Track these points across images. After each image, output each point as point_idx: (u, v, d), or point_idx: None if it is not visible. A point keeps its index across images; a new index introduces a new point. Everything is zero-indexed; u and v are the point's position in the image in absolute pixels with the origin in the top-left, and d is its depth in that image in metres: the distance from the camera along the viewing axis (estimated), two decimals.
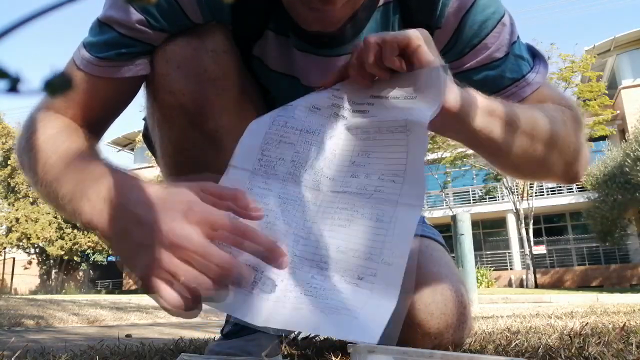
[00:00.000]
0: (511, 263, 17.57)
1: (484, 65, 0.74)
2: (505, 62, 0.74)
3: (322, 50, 0.74)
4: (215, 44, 0.70)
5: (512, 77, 0.75)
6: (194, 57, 0.69)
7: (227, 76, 0.71)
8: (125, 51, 0.69)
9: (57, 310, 3.09)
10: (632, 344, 0.81)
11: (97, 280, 27.78)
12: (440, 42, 0.73)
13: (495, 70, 0.74)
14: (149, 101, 0.75)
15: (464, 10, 0.71)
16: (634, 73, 16.08)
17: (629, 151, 12.31)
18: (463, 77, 0.74)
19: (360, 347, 0.49)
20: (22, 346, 0.94)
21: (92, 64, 0.69)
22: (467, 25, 0.72)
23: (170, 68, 0.69)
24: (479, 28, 0.72)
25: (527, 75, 0.75)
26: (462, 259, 4.48)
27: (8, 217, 22.77)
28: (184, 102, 0.70)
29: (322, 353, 0.87)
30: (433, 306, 0.76)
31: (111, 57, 0.69)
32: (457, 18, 0.72)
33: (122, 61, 0.70)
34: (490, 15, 0.72)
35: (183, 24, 0.70)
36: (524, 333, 1.14)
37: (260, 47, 0.75)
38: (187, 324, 2.39)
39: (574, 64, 14.90)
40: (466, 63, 0.75)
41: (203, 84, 0.70)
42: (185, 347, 1.04)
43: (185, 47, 0.69)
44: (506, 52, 0.74)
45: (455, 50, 0.74)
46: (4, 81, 0.19)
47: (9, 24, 0.18)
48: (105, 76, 0.70)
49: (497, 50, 0.73)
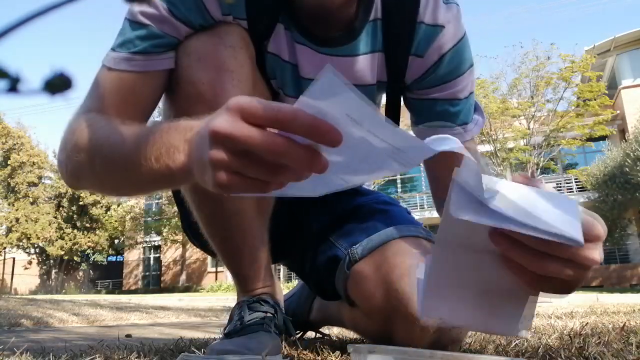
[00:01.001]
0: None
1: (447, 99, 0.87)
2: (464, 104, 0.87)
3: (317, 47, 0.81)
4: (233, 41, 0.76)
5: (462, 119, 0.88)
6: (214, 51, 0.75)
7: (243, 69, 0.77)
8: (157, 42, 0.74)
9: (57, 310, 3.09)
10: (632, 344, 0.81)
11: (97, 280, 27.79)
12: (420, 69, 0.85)
13: (455, 108, 0.87)
14: (168, 97, 0.80)
15: (446, 49, 0.83)
16: (634, 73, 16.07)
17: (629, 151, 12.31)
18: (426, 103, 0.88)
19: (361, 347, 0.49)
20: (22, 346, 0.94)
21: (126, 60, 0.73)
22: (446, 62, 0.84)
23: (191, 60, 0.75)
24: (455, 67, 0.85)
25: (469, 124, 0.90)
26: None
27: (8, 217, 22.78)
28: (203, 91, 0.74)
29: (322, 353, 0.87)
30: None
31: (146, 49, 0.74)
32: (439, 54, 0.83)
33: (156, 53, 0.75)
34: (465, 60, 0.85)
35: (204, 18, 0.76)
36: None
37: (274, 42, 0.82)
38: (187, 324, 2.39)
39: (574, 64, 14.91)
40: (433, 93, 0.87)
41: (221, 75, 0.75)
42: (185, 347, 1.04)
43: (206, 42, 0.75)
44: (467, 96, 0.87)
45: (430, 80, 0.86)
46: (4, 81, 0.19)
47: (9, 24, 0.18)
48: (141, 70, 0.74)
49: (461, 91, 0.86)
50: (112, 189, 0.73)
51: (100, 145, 0.66)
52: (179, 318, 2.91)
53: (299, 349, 0.90)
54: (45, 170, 24.54)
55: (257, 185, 0.46)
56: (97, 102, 0.74)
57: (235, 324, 0.89)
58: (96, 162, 0.67)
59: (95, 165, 0.67)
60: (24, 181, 23.38)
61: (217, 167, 0.45)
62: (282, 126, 0.43)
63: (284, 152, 0.42)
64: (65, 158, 0.71)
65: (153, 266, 24.49)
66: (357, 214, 0.98)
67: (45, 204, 23.85)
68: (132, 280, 24.62)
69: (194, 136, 0.52)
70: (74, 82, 0.20)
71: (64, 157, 0.71)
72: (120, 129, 0.64)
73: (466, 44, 0.86)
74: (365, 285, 0.86)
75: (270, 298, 0.94)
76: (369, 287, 0.85)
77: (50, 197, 24.08)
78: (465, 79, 0.86)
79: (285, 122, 0.42)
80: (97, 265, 28.25)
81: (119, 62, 0.74)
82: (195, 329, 2.01)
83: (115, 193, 0.74)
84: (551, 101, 16.03)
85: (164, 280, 23.33)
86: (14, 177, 23.37)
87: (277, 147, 0.42)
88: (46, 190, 24.04)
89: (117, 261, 27.27)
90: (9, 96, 0.19)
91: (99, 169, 0.68)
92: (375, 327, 0.88)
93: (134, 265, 24.78)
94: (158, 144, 0.57)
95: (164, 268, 23.64)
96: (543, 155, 15.72)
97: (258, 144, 0.43)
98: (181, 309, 4.01)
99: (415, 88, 0.89)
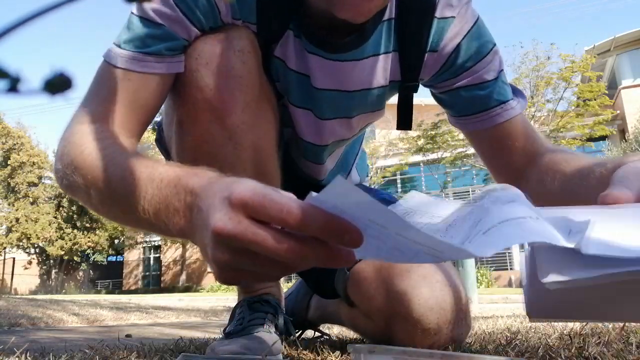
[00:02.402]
0: (511, 263, 17.57)
1: (474, 84, 0.81)
2: (494, 85, 0.81)
3: (328, 54, 0.78)
4: (241, 45, 0.73)
5: (498, 99, 0.82)
6: (222, 55, 0.72)
7: (251, 74, 0.74)
8: (171, 44, 0.70)
9: (57, 310, 3.09)
10: (632, 344, 0.81)
11: (97, 280, 27.77)
12: (437, 63, 0.81)
13: (484, 91, 0.81)
14: (172, 99, 0.77)
15: (462, 35, 0.79)
16: (634, 73, 16.07)
17: (629, 151, 12.31)
18: (453, 94, 0.83)
19: (361, 347, 0.49)
20: (22, 346, 0.94)
21: (137, 61, 0.69)
22: (463, 49, 0.80)
23: (199, 64, 0.72)
24: (474, 52, 0.80)
25: (510, 101, 0.82)
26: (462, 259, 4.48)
27: (8, 217, 22.77)
28: (210, 96, 0.72)
29: (322, 353, 0.87)
30: (432, 301, 0.77)
31: (160, 51, 0.70)
32: (454, 44, 0.79)
33: (169, 56, 0.71)
34: (486, 43, 0.80)
35: (215, 21, 0.73)
36: (524, 333, 1.14)
37: (282, 47, 0.79)
38: (187, 324, 2.39)
39: (574, 64, 14.89)
40: (457, 82, 0.82)
41: (229, 80, 0.72)
42: (185, 347, 1.04)
43: (214, 46, 0.72)
44: (495, 77, 0.81)
45: (451, 70, 0.81)
46: (4, 81, 0.19)
47: (9, 24, 0.18)
48: (152, 72, 0.70)
49: (487, 72, 0.81)
50: (106, 217, 0.68)
51: (98, 180, 0.61)
52: (179, 318, 2.91)
53: (299, 349, 0.90)
54: (45, 170, 24.52)
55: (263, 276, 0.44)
56: (102, 106, 0.69)
57: (236, 323, 0.89)
58: (92, 194, 0.63)
59: (91, 197, 0.63)
60: (24, 181, 23.36)
61: (220, 267, 0.42)
62: (292, 227, 0.38)
63: (297, 257, 0.38)
64: (62, 171, 0.66)
65: (153, 266, 24.48)
66: None
67: (45, 204, 23.84)
68: (132, 280, 24.61)
69: (195, 206, 0.48)
70: (74, 82, 0.20)
71: (61, 168, 0.66)
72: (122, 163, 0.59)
73: (482, 26, 0.81)
74: (366, 286, 0.86)
75: (272, 298, 0.94)
76: (369, 288, 0.85)
77: (50, 197, 24.06)
78: (489, 60, 0.81)
79: (295, 223, 0.37)
80: (97, 265, 28.22)
81: (128, 62, 0.69)
82: (195, 329, 2.01)
83: (111, 220, 0.69)
84: (551, 101, 16.02)
85: (164, 280, 23.32)
86: (14, 177, 23.35)
87: (288, 253, 0.38)
88: (46, 190, 24.02)
89: (117, 261, 27.24)
90: (9, 96, 0.19)
91: (95, 201, 0.64)
92: (375, 328, 0.88)
93: (134, 265, 24.77)
94: (157, 198, 0.53)
95: (164, 268, 23.62)
96: None
97: (266, 248, 0.38)
98: (181, 309, 4.00)
99: (437, 82, 0.85)
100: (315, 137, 0.89)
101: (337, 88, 0.81)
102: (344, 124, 0.88)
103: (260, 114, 0.77)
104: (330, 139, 0.90)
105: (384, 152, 17.69)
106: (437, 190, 17.50)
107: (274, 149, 0.82)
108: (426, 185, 18.67)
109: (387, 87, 0.85)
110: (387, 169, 18.05)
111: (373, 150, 17.07)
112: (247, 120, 0.74)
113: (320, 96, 0.82)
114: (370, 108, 0.87)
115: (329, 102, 0.83)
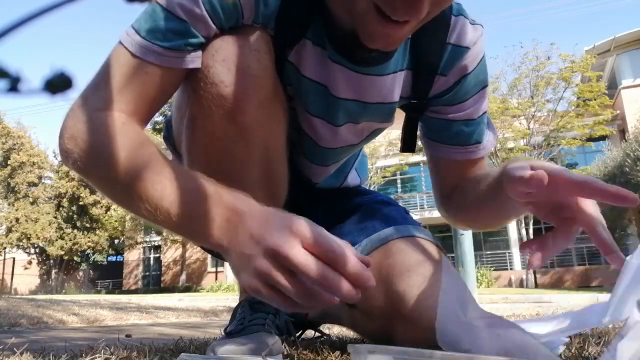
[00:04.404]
0: (511, 263, 17.58)
1: (462, 120, 0.88)
2: (477, 124, 0.89)
3: (354, 66, 0.79)
4: (258, 45, 0.74)
5: (477, 139, 0.89)
6: (238, 53, 0.72)
7: (266, 74, 0.75)
8: (192, 41, 0.71)
9: (57, 310, 3.09)
10: None
11: (97, 280, 27.78)
12: (442, 87, 0.86)
13: (469, 128, 0.89)
14: (186, 94, 0.76)
15: (469, 70, 0.85)
16: (634, 73, 16.07)
17: (629, 151, 12.31)
18: (440, 121, 0.89)
19: (360, 347, 0.49)
20: (22, 346, 0.94)
21: (156, 54, 0.69)
22: (466, 82, 0.85)
23: (215, 61, 0.72)
24: (472, 87, 0.86)
25: (482, 142, 0.91)
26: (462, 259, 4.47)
27: (8, 217, 22.77)
28: (225, 93, 0.72)
29: (322, 353, 0.87)
30: (431, 300, 0.77)
31: (180, 46, 0.70)
32: (461, 74, 0.85)
33: (187, 52, 0.71)
34: (483, 80, 0.88)
35: (236, 24, 0.73)
36: None
37: (297, 53, 0.79)
38: (187, 324, 2.39)
39: (574, 64, 14.91)
40: (450, 113, 0.88)
41: (245, 78, 0.72)
42: (185, 347, 1.04)
43: (231, 44, 0.73)
44: (480, 115, 0.89)
45: (449, 98, 0.87)
46: (4, 81, 0.19)
47: (9, 24, 0.18)
48: (169, 66, 0.70)
49: (475, 111, 0.88)
50: (122, 207, 0.69)
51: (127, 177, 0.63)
52: (179, 318, 2.92)
53: (299, 349, 0.90)
54: (45, 170, 24.55)
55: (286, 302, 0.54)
56: (117, 94, 0.69)
57: (237, 323, 0.89)
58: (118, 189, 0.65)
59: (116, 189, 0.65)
60: (24, 181, 23.37)
61: (260, 277, 0.52)
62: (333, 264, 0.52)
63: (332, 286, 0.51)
64: (77, 154, 0.66)
65: (153, 266, 24.50)
66: (356, 213, 0.98)
67: (45, 204, 23.85)
68: (132, 280, 24.62)
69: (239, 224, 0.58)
70: (74, 82, 0.20)
71: (74, 149, 0.66)
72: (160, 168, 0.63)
73: (485, 64, 0.87)
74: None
75: None
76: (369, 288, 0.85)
77: (50, 197, 24.07)
78: (479, 98, 0.87)
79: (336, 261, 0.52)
80: (97, 265, 28.24)
81: (146, 53, 0.69)
82: (195, 329, 2.01)
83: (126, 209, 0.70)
84: (551, 101, 16.04)
85: (164, 280, 23.33)
86: (14, 177, 23.37)
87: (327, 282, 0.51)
88: (46, 190, 24.03)
89: (117, 261, 27.27)
90: (9, 96, 0.19)
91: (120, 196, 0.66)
92: (375, 327, 0.88)
93: (134, 265, 24.78)
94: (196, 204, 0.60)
95: (164, 268, 23.64)
96: (543, 155, 15.72)
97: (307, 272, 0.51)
98: (181, 309, 4.01)
99: (432, 105, 0.89)
100: (328, 142, 0.90)
101: (356, 99, 0.83)
102: (351, 128, 0.89)
103: (272, 113, 0.77)
104: (340, 144, 0.91)
105: (384, 152, 17.69)
106: None
107: (283, 149, 0.82)
108: (426, 185, 18.68)
109: (397, 103, 0.87)
110: (387, 169, 18.06)
111: (373, 150, 17.08)
112: (260, 119, 0.75)
113: (338, 105, 0.83)
114: (379, 119, 0.89)
115: (344, 110, 0.84)
